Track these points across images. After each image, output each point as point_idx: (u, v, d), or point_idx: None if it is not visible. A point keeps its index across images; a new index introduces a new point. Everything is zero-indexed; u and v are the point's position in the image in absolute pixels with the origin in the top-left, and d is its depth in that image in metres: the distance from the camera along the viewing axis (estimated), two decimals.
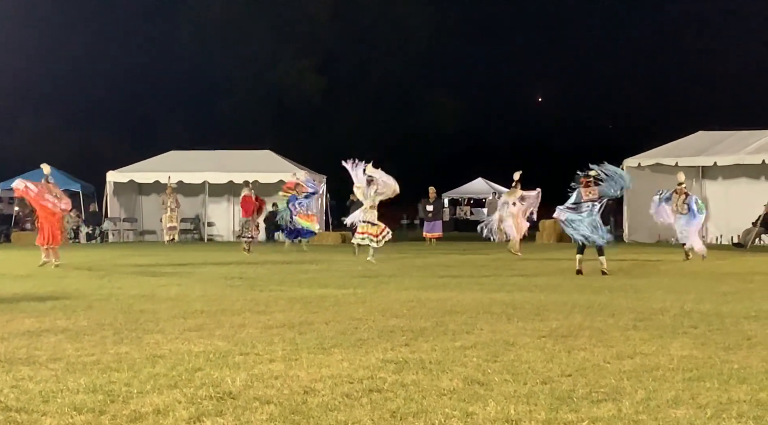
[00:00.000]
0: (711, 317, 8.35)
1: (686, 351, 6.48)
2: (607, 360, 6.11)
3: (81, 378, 5.54)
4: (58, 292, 11.06)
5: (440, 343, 6.86)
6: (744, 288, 11.65)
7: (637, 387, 5.26)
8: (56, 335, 7.35)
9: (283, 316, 8.56)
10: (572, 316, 8.47)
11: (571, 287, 11.85)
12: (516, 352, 6.46)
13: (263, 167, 30.33)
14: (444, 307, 9.27)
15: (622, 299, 10.01)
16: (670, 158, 26.42)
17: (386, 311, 8.88)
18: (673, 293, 10.87)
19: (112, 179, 30.15)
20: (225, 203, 32.16)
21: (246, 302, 9.77)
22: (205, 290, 11.33)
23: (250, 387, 5.29)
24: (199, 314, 8.71)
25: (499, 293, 10.89)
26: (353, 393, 5.11)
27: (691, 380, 5.46)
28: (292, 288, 11.62)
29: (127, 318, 8.41)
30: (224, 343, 6.89)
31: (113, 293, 11.00)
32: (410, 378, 5.51)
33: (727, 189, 26.63)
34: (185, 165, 30.13)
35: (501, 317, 8.38)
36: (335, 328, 7.72)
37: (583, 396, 5.05)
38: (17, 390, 5.25)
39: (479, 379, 5.48)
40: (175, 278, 13.61)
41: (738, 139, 26.57)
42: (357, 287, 11.74)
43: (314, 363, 6.05)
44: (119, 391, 5.18)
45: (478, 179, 45.91)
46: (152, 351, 6.57)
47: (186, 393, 5.12)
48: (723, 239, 26.07)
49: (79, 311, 8.97)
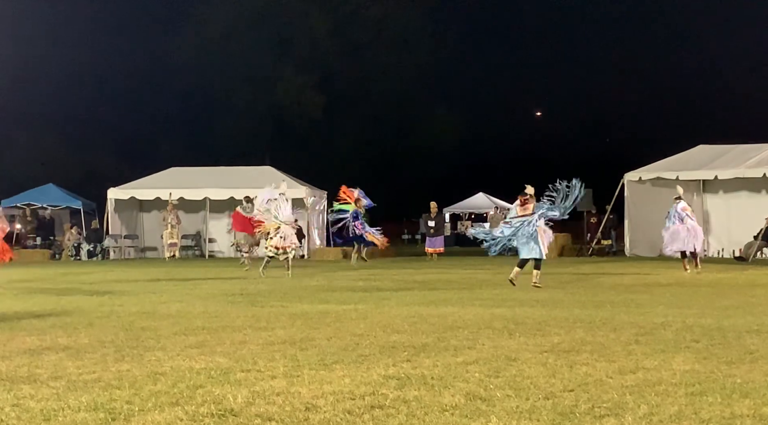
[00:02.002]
0: (713, 332, 8.34)
1: (688, 366, 6.46)
2: (610, 375, 6.10)
3: (82, 396, 5.53)
4: (58, 310, 11.05)
5: (442, 359, 6.85)
6: (746, 302, 11.64)
7: (640, 402, 5.24)
8: (57, 353, 7.34)
9: (284, 332, 8.55)
10: (574, 331, 8.45)
11: (572, 302, 11.84)
12: (518, 367, 6.45)
13: (264, 184, 30.20)
14: (445, 322, 9.25)
15: (623, 314, 9.99)
16: (671, 171, 26.44)
17: (388, 327, 8.86)
18: (675, 307, 10.86)
19: (113, 196, 30.16)
20: (226, 220, 32.09)
21: (247, 319, 9.76)
22: (206, 307, 11.32)
23: (252, 404, 5.28)
24: (201, 331, 8.70)
25: (501, 308, 10.87)
26: (355, 410, 5.10)
27: (693, 395, 5.45)
28: (293, 304, 11.61)
29: (128, 336, 8.40)
30: (226, 360, 6.88)
31: (114, 310, 10.99)
32: (412, 394, 5.50)
33: (728, 203, 26.65)
34: (186, 182, 30.16)
35: (503, 333, 8.37)
36: (337, 344, 7.70)
37: (585, 411, 5.03)
38: (18, 408, 5.24)
39: (481, 395, 5.47)
40: (176, 294, 13.59)
41: (738, 153, 26.60)
42: (358, 302, 11.72)
43: (316, 379, 6.04)
44: (121, 409, 5.17)
45: (479, 194, 45.95)
46: (153, 368, 6.55)
47: (188, 411, 5.11)
48: (724, 252, 26.05)
49: (80, 329, 8.96)
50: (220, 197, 30.17)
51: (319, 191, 32.19)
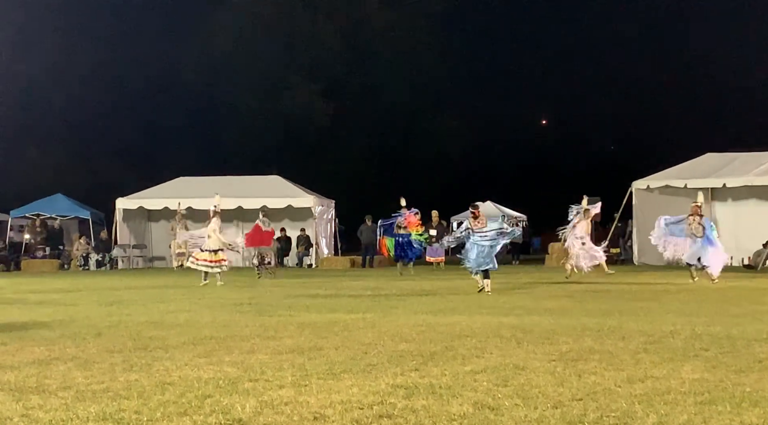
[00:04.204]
0: (722, 340, 8.31)
1: (697, 374, 6.44)
2: (618, 384, 6.08)
3: (91, 406, 5.54)
4: (67, 320, 11.07)
5: (450, 368, 6.84)
6: (755, 310, 11.60)
7: (649, 411, 5.23)
8: (66, 363, 7.35)
9: (292, 341, 8.55)
10: (582, 339, 8.43)
11: (580, 310, 11.81)
12: (526, 376, 6.43)
13: (272, 193, 30.42)
14: (453, 331, 9.24)
15: (632, 323, 9.96)
16: (679, 180, 26.39)
17: (396, 336, 8.86)
18: (684, 315, 10.83)
19: (121, 206, 30.24)
20: (234, 229, 32.18)
21: (255, 328, 9.76)
22: (214, 316, 11.33)
23: (260, 413, 5.28)
24: (209, 341, 8.70)
25: (509, 317, 10.85)
26: (363, 419, 5.09)
27: (702, 403, 5.43)
28: (300, 313, 11.61)
29: (136, 345, 8.41)
30: (234, 369, 6.88)
31: (122, 320, 11.00)
32: (420, 403, 5.49)
33: (736, 211, 26.57)
34: (194, 191, 30.21)
35: (511, 341, 8.35)
36: (345, 353, 7.70)
37: (594, 420, 5.02)
38: (27, 419, 5.25)
39: (490, 404, 5.46)
40: (184, 304, 13.61)
41: (747, 160, 26.56)
42: (366, 311, 11.72)
43: (324, 388, 6.04)
44: (129, 419, 5.18)
45: (487, 203, 45.87)
46: (162, 378, 6.56)
47: (196, 421, 5.11)
48: (733, 260, 25.94)
49: (89, 339, 8.98)
50: (228, 206, 30.19)
51: (327, 199, 32.22)
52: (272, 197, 30.09)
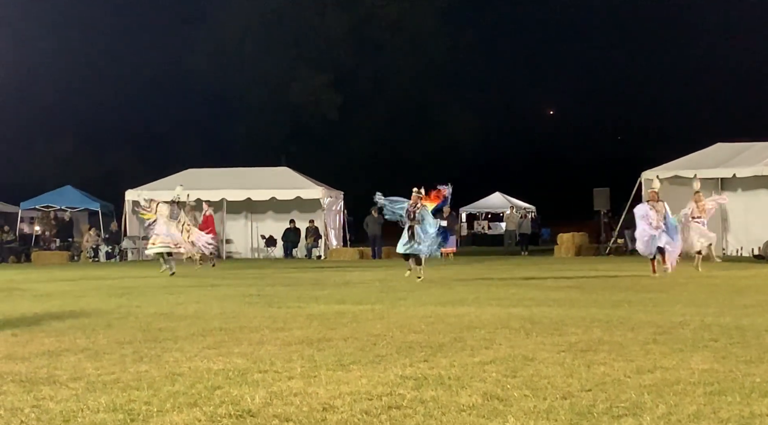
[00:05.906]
0: (731, 331, 8.28)
1: (707, 365, 6.43)
2: (627, 375, 6.07)
3: (101, 397, 5.56)
4: (77, 311, 11.11)
5: (459, 359, 6.84)
6: (765, 301, 11.55)
7: (658, 401, 5.22)
8: (76, 354, 7.38)
9: (301, 333, 8.56)
10: (591, 330, 8.42)
11: (589, 301, 11.80)
12: (535, 367, 6.43)
13: (280, 184, 30.46)
14: (462, 322, 9.24)
15: (641, 313, 9.95)
16: (688, 170, 26.28)
17: (404, 327, 8.86)
18: (693, 306, 10.80)
19: (130, 198, 30.31)
20: (243, 221, 32.27)
21: (264, 319, 9.78)
22: (223, 308, 11.35)
23: (270, 404, 5.29)
24: (218, 332, 8.72)
25: (518, 307, 10.84)
26: (372, 410, 5.10)
27: (712, 394, 5.42)
28: (309, 305, 11.62)
29: (146, 337, 8.43)
30: (243, 360, 6.89)
31: (132, 311, 11.04)
32: (429, 395, 5.50)
33: (746, 201, 26.45)
34: (203, 183, 30.27)
35: (519, 332, 8.35)
36: (354, 344, 7.71)
37: (603, 411, 5.02)
38: (38, 409, 5.27)
39: (498, 395, 5.47)
40: (193, 295, 13.64)
41: (757, 150, 26.44)
42: (375, 302, 11.73)
43: (333, 379, 6.05)
44: (139, 410, 5.20)
45: (496, 194, 45.86)
46: (171, 369, 6.58)
47: (206, 412, 5.12)
48: (743, 251, 25.89)
49: (99, 330, 9.01)
50: (237, 197, 30.28)
51: (336, 191, 32.25)
52: (281, 188, 30.14)
